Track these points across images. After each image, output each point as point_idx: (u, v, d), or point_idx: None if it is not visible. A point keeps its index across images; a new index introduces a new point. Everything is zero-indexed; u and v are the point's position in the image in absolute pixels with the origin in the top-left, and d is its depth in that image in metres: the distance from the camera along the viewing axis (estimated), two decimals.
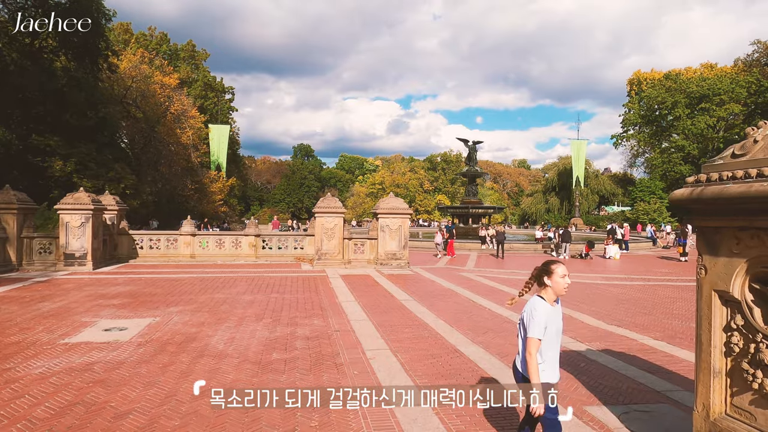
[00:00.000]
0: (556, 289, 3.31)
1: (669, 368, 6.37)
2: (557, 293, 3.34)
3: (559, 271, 3.31)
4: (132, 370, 6.00)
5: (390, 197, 18.48)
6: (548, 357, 3.35)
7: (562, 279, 3.30)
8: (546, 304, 3.31)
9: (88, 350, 6.87)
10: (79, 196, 15.75)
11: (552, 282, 3.32)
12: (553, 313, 3.33)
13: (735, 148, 3.24)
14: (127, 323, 8.56)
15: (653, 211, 52.08)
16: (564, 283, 3.30)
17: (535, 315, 3.26)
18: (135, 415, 4.67)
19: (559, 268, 3.33)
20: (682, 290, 13.69)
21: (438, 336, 7.95)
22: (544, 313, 3.26)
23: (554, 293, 3.34)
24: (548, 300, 3.34)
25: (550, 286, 3.33)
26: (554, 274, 3.31)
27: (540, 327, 3.23)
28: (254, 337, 7.72)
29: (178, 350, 6.91)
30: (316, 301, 10.89)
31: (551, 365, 3.38)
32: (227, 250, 19.14)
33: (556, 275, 3.31)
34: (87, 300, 10.72)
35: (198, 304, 10.39)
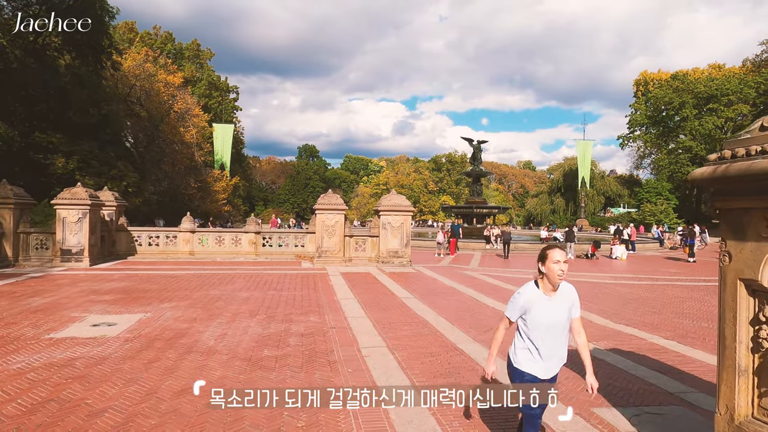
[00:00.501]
0: (549, 276, 3.04)
1: (681, 368, 6.01)
2: (551, 281, 3.05)
3: (552, 256, 3.01)
4: (114, 366, 5.71)
5: (392, 194, 18.15)
6: (534, 349, 3.12)
7: (555, 265, 2.99)
8: (534, 291, 3.10)
9: (72, 345, 6.59)
10: (77, 191, 15.53)
11: (546, 269, 3.04)
12: (544, 302, 3.07)
13: (764, 120, 2.90)
14: (116, 318, 8.29)
15: (660, 212, 51.38)
16: (557, 270, 2.99)
17: (513, 297, 3.16)
18: (110, 413, 4.37)
19: (553, 253, 3.03)
20: (691, 290, 13.27)
21: (438, 333, 7.62)
22: (524, 298, 3.08)
23: (549, 281, 3.06)
24: (543, 288, 3.09)
25: (544, 274, 3.07)
26: (547, 259, 3.03)
27: (513, 308, 3.13)
28: (246, 333, 7.42)
29: (166, 346, 6.62)
30: (313, 298, 10.58)
31: (540, 359, 3.12)
32: (227, 247, 18.88)
33: (548, 260, 3.02)
34: (79, 295, 10.47)
35: (192, 300, 10.11)
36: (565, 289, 3.16)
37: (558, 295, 3.11)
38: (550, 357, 3.14)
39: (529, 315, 3.08)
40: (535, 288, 3.11)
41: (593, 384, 3.16)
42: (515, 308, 3.13)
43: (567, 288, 3.17)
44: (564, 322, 3.13)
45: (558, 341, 3.14)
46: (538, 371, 3.13)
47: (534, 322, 3.07)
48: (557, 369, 3.23)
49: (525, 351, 3.17)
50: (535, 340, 3.11)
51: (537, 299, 3.07)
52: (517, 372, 3.19)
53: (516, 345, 3.24)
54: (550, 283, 3.06)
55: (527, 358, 3.15)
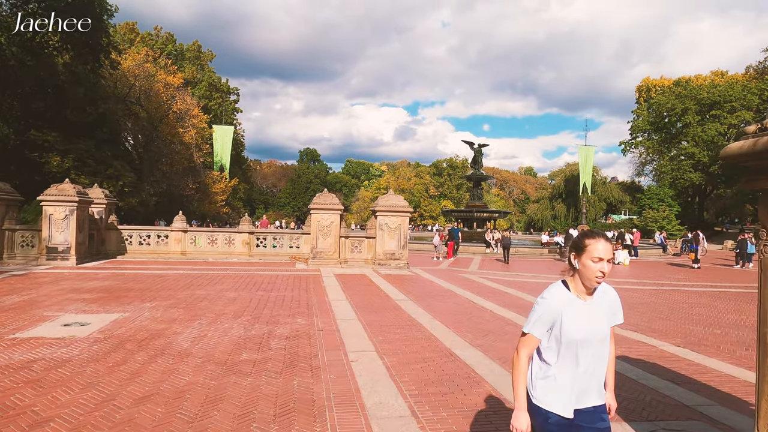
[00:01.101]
0: (584, 275, 2.23)
1: (697, 378, 5.50)
2: (585, 282, 2.24)
3: (592, 250, 2.20)
4: (75, 370, 5.21)
5: (389, 194, 17.66)
6: (563, 376, 2.24)
7: (595, 264, 2.19)
8: (563, 293, 2.27)
9: (35, 346, 6.09)
10: (64, 187, 15.06)
11: (581, 264, 2.24)
12: (578, 309, 2.24)
13: None
14: (91, 318, 7.79)
15: (662, 219, 50.79)
16: (596, 270, 2.18)
17: (537, 305, 2.28)
18: (56, 423, 3.86)
19: (595, 245, 2.20)
20: (699, 295, 12.74)
21: (432, 338, 7.11)
22: (553, 303, 2.23)
23: (582, 282, 2.26)
24: (575, 290, 2.28)
25: (577, 270, 2.27)
26: (585, 251, 2.22)
27: (535, 320, 2.25)
28: (227, 335, 6.91)
29: (137, 348, 6.11)
30: (303, 300, 10.07)
31: (572, 391, 2.24)
32: (220, 247, 18.38)
33: (586, 254, 2.21)
34: (57, 294, 9.97)
35: (175, 300, 9.61)
36: (604, 289, 2.35)
37: (596, 297, 2.31)
38: (586, 388, 2.27)
39: (559, 327, 2.23)
40: (565, 290, 2.29)
41: (611, 404, 2.44)
42: (542, 319, 2.25)
43: (606, 288, 2.37)
44: (605, 333, 2.29)
45: (597, 362, 2.28)
46: (568, 408, 2.24)
47: (565, 337, 2.22)
48: (596, 400, 2.31)
49: (548, 381, 2.27)
50: (565, 364, 2.25)
51: (569, 305, 2.25)
52: (539, 412, 2.26)
53: (534, 373, 2.34)
54: (584, 285, 2.27)
55: (551, 389, 2.26)
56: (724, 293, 13.39)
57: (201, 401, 4.40)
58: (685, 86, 57.36)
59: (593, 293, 2.29)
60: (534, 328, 2.26)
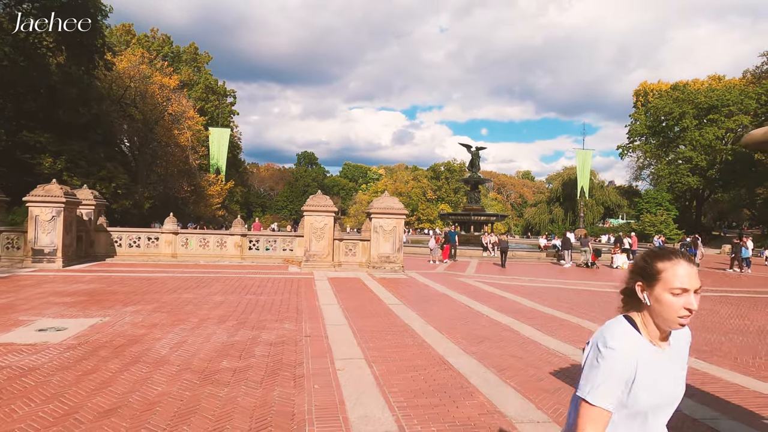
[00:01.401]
0: (659, 315, 1.53)
1: (704, 389, 5.19)
2: (662, 325, 1.55)
3: (673, 277, 1.50)
4: (41, 379, 4.86)
5: (384, 196, 17.33)
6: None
7: (677, 298, 1.49)
8: (635, 339, 1.54)
9: (3, 353, 5.73)
10: (51, 188, 14.70)
11: (652, 298, 1.53)
12: (654, 362, 1.54)
13: None
14: (69, 323, 7.43)
15: (660, 223, 50.60)
16: (678, 306, 1.49)
17: (602, 357, 1.49)
18: None
19: (677, 269, 1.51)
20: (703, 300, 12.41)
21: (424, 344, 6.78)
22: (625, 358, 1.48)
23: (658, 323, 1.55)
24: (647, 333, 1.57)
25: (649, 307, 1.56)
26: (659, 281, 1.52)
27: (602, 382, 1.47)
28: (209, 341, 6.57)
29: (112, 355, 5.77)
30: (293, 304, 9.73)
31: None
32: (211, 250, 18.01)
33: (662, 285, 1.51)
34: (37, 297, 9.60)
35: (159, 303, 9.25)
36: (679, 333, 1.66)
37: (672, 342, 1.63)
38: None
39: (628, 390, 1.51)
40: (635, 332, 1.56)
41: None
42: (613, 381, 1.48)
43: (682, 331, 1.66)
44: (681, 394, 1.63)
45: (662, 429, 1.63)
46: None
47: (636, 405, 1.52)
48: None
49: None
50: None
51: (643, 356, 1.52)
52: None
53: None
54: (659, 328, 1.56)
55: None
56: (724, 298, 13.12)
57: (171, 415, 4.06)
58: (682, 90, 57.38)
59: (668, 337, 1.61)
60: (604, 398, 1.46)
